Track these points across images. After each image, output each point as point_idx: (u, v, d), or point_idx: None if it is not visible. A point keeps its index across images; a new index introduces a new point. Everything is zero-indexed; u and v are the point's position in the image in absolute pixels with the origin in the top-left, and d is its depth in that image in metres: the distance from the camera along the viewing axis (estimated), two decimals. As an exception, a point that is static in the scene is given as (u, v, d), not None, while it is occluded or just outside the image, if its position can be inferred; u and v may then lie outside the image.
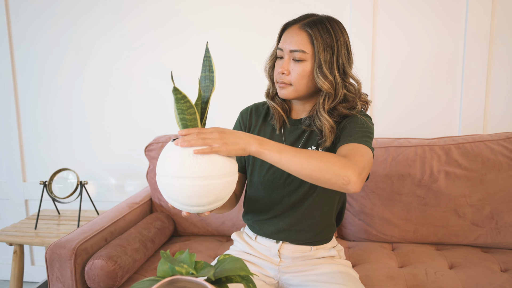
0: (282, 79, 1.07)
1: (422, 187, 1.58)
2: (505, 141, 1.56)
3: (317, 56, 1.04)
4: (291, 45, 1.06)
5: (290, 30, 1.08)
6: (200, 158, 0.84)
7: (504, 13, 1.76)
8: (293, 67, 1.06)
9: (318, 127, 1.10)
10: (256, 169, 1.19)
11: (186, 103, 0.87)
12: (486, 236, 1.55)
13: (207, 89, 0.93)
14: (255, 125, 1.22)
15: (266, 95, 1.18)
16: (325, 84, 1.04)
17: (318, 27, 1.05)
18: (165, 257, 0.79)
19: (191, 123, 0.89)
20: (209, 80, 0.93)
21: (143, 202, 1.75)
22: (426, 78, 1.85)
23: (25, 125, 2.17)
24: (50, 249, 1.29)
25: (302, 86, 1.07)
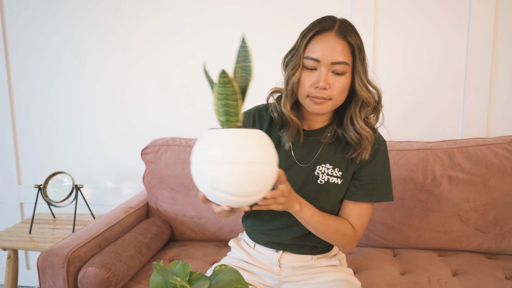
0: (322, 94, 0.98)
1: (425, 191, 1.54)
2: (510, 144, 1.53)
3: (357, 67, 0.99)
4: (333, 56, 0.96)
5: (326, 38, 0.97)
6: (252, 142, 0.79)
7: (508, 15, 1.73)
8: (333, 81, 0.98)
9: (353, 139, 1.04)
10: None
11: (231, 88, 0.79)
12: (490, 242, 1.52)
13: (243, 79, 0.86)
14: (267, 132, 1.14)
15: (284, 108, 1.04)
16: (369, 96, 1.01)
17: (353, 34, 0.98)
18: (157, 269, 0.76)
19: (234, 109, 0.81)
20: (245, 70, 0.86)
21: (139, 207, 1.71)
22: (428, 80, 1.81)
23: (20, 128, 2.13)
24: (42, 256, 1.25)
25: (341, 100, 1.02)
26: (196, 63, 1.93)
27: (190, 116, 1.98)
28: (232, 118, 0.81)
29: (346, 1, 1.80)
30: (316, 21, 1.02)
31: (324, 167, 1.08)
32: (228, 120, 0.81)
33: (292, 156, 1.09)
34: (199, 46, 1.92)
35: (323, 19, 1.01)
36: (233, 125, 0.82)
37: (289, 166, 1.09)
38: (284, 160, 1.09)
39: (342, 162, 1.08)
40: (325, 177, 1.08)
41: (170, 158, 1.70)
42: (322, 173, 1.08)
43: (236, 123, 0.82)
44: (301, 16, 1.82)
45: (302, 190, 1.08)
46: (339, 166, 1.08)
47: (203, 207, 1.68)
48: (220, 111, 0.82)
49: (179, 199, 1.70)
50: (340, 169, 1.08)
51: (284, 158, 1.09)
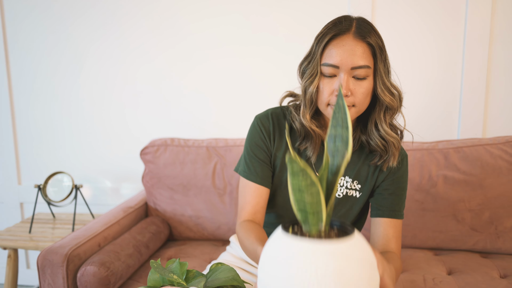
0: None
1: (421, 191, 1.56)
2: (505, 145, 1.54)
3: (379, 70, 0.91)
4: (353, 60, 0.88)
5: (344, 42, 0.89)
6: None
7: (504, 16, 1.74)
8: (355, 86, 0.90)
9: (378, 146, 0.98)
10: (278, 191, 1.05)
11: (306, 179, 0.58)
12: (485, 241, 1.53)
13: (338, 154, 0.63)
14: (279, 143, 1.03)
15: (303, 118, 0.96)
16: (388, 97, 0.93)
17: (372, 34, 0.90)
18: (154, 267, 0.77)
19: (312, 208, 0.59)
20: (343, 141, 0.63)
21: (138, 206, 1.73)
22: (425, 81, 1.83)
23: (20, 128, 2.15)
24: (42, 255, 1.27)
25: (365, 105, 0.94)
26: (194, 62, 1.95)
27: (188, 116, 1.99)
28: (311, 218, 0.60)
29: (343, 5, 1.82)
30: (331, 23, 0.93)
31: (343, 180, 1.02)
32: (305, 221, 0.61)
33: (313, 168, 1.02)
34: (197, 46, 1.93)
35: (338, 21, 0.92)
36: (314, 228, 0.60)
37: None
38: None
39: (362, 175, 1.03)
40: (343, 190, 1.02)
41: (168, 158, 1.72)
42: (340, 186, 1.02)
43: (319, 224, 0.60)
44: (300, 13, 1.83)
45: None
46: (358, 178, 1.03)
47: (201, 207, 1.69)
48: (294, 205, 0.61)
49: (177, 198, 1.71)
50: (359, 182, 1.03)
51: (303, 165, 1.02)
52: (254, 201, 1.00)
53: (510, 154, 1.52)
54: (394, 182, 1.02)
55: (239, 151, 1.68)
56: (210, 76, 1.95)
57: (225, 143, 1.72)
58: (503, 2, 1.73)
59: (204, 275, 0.81)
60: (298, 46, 1.83)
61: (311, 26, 1.81)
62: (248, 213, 0.99)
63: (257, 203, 1.01)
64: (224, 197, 1.68)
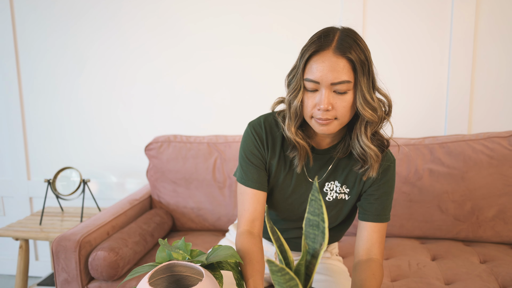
0: (325, 116, 0.92)
1: (408, 184, 1.66)
2: (486, 140, 1.65)
3: (359, 84, 0.92)
4: (333, 76, 0.89)
5: (323, 58, 0.90)
6: None
7: (487, 19, 1.85)
8: (337, 101, 0.92)
9: (360, 156, 1.00)
10: (273, 194, 1.12)
11: (284, 275, 0.66)
12: (467, 231, 1.64)
13: (316, 241, 0.72)
14: (272, 150, 1.07)
15: (288, 131, 1.00)
16: (368, 112, 0.93)
17: (354, 48, 0.90)
18: (163, 244, 0.88)
19: None
20: (319, 230, 0.71)
21: (143, 199, 1.84)
22: (414, 81, 1.93)
23: (29, 126, 2.25)
24: (56, 241, 1.38)
25: (347, 118, 0.95)
26: (194, 62, 2.05)
27: (190, 114, 2.10)
28: None
29: (337, 6, 1.92)
30: (315, 36, 0.94)
31: (333, 184, 1.07)
32: None
33: (304, 172, 1.08)
34: (197, 46, 2.04)
35: (321, 35, 0.93)
36: None
37: (300, 182, 1.08)
38: (295, 176, 1.08)
39: (350, 180, 1.07)
40: (333, 194, 1.08)
41: (171, 153, 1.82)
42: (330, 190, 1.07)
43: None
44: (297, 11, 1.94)
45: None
46: (346, 183, 1.07)
47: (202, 199, 1.80)
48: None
49: (180, 191, 1.82)
50: (347, 186, 1.07)
51: (299, 175, 1.08)
52: (252, 207, 1.05)
53: (491, 149, 1.62)
54: (380, 187, 1.05)
55: (238, 147, 1.79)
56: (210, 76, 2.05)
57: (225, 140, 1.83)
58: (486, 7, 1.84)
59: (206, 253, 0.92)
60: (296, 45, 1.94)
61: (309, 24, 1.92)
62: (247, 221, 1.04)
63: (254, 209, 1.05)
64: (224, 190, 1.79)
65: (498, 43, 1.85)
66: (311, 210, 0.73)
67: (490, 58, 1.87)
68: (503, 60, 1.86)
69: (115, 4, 2.07)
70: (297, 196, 1.08)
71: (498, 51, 1.86)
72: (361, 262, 1.03)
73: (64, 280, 1.39)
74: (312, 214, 0.72)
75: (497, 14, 1.83)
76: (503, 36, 1.85)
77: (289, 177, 1.07)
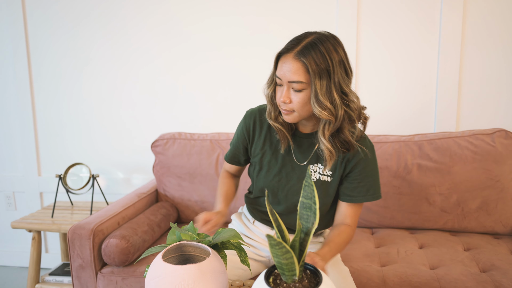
0: (285, 107, 1.09)
1: (398, 178, 1.78)
2: (471, 137, 1.76)
3: (313, 86, 1.04)
4: (289, 76, 1.06)
5: (286, 59, 1.07)
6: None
7: (473, 24, 1.96)
8: (293, 96, 1.07)
9: (321, 150, 1.15)
10: (262, 173, 1.26)
11: (281, 249, 0.77)
12: (453, 221, 1.76)
13: (309, 220, 0.84)
14: (259, 135, 1.25)
15: (269, 117, 1.19)
16: (322, 113, 1.05)
17: (312, 54, 1.03)
18: (174, 227, 1.00)
19: (287, 267, 0.80)
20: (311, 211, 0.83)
21: (150, 192, 1.95)
22: (405, 82, 2.05)
23: (40, 125, 2.37)
24: (71, 230, 1.49)
25: (305, 111, 1.10)
26: (195, 62, 2.17)
27: (193, 113, 2.21)
28: (287, 273, 0.81)
29: (332, 13, 2.04)
30: (293, 38, 1.10)
31: (316, 166, 1.20)
32: (283, 274, 0.82)
33: (292, 154, 1.22)
34: (198, 47, 2.15)
35: (296, 38, 1.09)
36: (289, 279, 0.81)
37: (287, 162, 1.22)
38: (282, 158, 1.23)
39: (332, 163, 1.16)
40: (317, 175, 1.20)
41: (176, 150, 1.94)
42: (314, 172, 1.20)
43: (293, 277, 0.81)
44: (295, 11, 2.06)
45: (297, 184, 1.22)
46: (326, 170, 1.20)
47: (206, 193, 1.92)
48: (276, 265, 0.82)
49: (184, 185, 1.94)
50: (330, 169, 1.20)
51: (283, 156, 1.23)
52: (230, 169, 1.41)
53: (475, 145, 1.74)
54: (356, 174, 1.19)
55: (239, 143, 1.90)
56: (211, 76, 2.17)
57: (227, 137, 1.94)
58: (472, 11, 1.96)
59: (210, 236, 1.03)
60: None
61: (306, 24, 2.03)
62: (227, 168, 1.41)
63: (232, 171, 1.41)
64: (226, 184, 1.90)
65: (483, 46, 1.97)
66: (304, 194, 0.85)
67: (476, 60, 1.99)
68: (488, 62, 1.98)
69: (121, 9, 2.18)
70: (284, 175, 1.23)
71: (483, 53, 1.97)
72: (334, 226, 1.24)
73: (79, 266, 1.50)
74: (306, 197, 0.84)
75: (482, 19, 1.95)
76: (488, 39, 1.96)
77: (274, 157, 1.24)
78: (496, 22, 1.95)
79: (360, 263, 1.49)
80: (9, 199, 2.46)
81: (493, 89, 2.00)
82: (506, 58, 1.96)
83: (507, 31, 1.94)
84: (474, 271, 1.42)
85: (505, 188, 1.71)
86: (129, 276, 1.49)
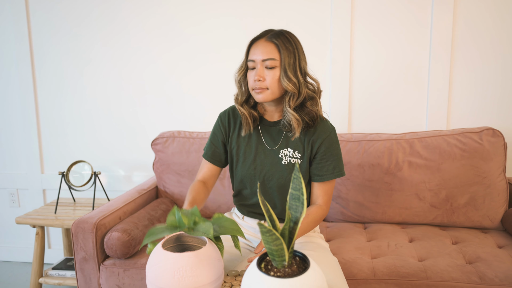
0: (259, 85, 1.24)
1: (389, 174, 1.84)
2: (460, 135, 1.83)
3: (283, 62, 1.22)
4: (263, 55, 1.23)
5: (259, 43, 1.26)
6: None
7: (463, 26, 2.03)
8: (267, 74, 1.24)
9: (288, 122, 1.29)
10: (239, 165, 1.38)
11: (272, 236, 0.84)
12: (442, 216, 1.82)
13: (298, 210, 0.90)
14: (233, 128, 1.39)
15: (236, 101, 1.35)
16: (289, 85, 1.23)
17: (281, 38, 1.24)
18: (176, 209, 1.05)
19: (277, 253, 0.86)
20: (299, 201, 0.90)
21: (150, 189, 2.02)
22: (398, 81, 2.11)
23: (43, 124, 2.43)
24: (75, 224, 1.56)
25: (277, 89, 1.25)
26: (195, 63, 2.23)
27: (192, 112, 2.28)
28: (277, 259, 0.87)
29: (327, 16, 2.10)
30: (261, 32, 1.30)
31: (286, 150, 1.33)
32: (274, 260, 0.88)
33: (263, 142, 1.35)
34: (198, 48, 2.22)
35: (264, 31, 1.29)
36: (279, 264, 0.87)
37: (260, 149, 1.35)
38: (255, 145, 1.35)
39: (299, 146, 1.32)
40: (288, 159, 1.33)
41: (176, 148, 2.00)
42: (285, 156, 1.33)
43: (283, 262, 0.87)
44: (292, 12, 2.12)
45: (271, 169, 1.33)
46: (298, 149, 1.33)
47: (204, 189, 1.98)
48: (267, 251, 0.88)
49: (184, 182, 2.00)
50: (299, 152, 1.33)
51: (256, 143, 1.35)
52: (205, 174, 1.42)
53: (463, 143, 1.81)
54: (322, 153, 1.31)
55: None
56: (211, 77, 2.23)
57: (224, 135, 2.01)
58: (462, 14, 2.02)
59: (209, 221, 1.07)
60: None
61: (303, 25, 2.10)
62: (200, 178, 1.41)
63: (205, 173, 1.42)
64: (224, 180, 1.97)
65: (472, 47, 2.04)
66: (293, 186, 0.91)
67: (466, 61, 2.05)
68: (477, 63, 2.04)
69: (120, 11, 2.25)
70: (259, 162, 1.35)
71: (473, 54, 2.04)
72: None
73: (82, 258, 1.57)
74: (294, 189, 0.91)
75: (472, 21, 2.02)
76: (477, 40, 2.03)
77: (248, 147, 1.37)
78: (485, 24, 2.01)
79: (351, 255, 1.56)
80: (12, 196, 2.53)
81: (483, 89, 2.06)
82: (495, 59, 2.03)
83: (495, 32, 2.01)
84: (460, 262, 1.48)
85: (492, 184, 1.77)
86: (130, 268, 1.56)
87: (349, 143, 1.91)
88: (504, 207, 1.80)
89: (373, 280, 1.44)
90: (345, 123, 2.16)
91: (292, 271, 0.87)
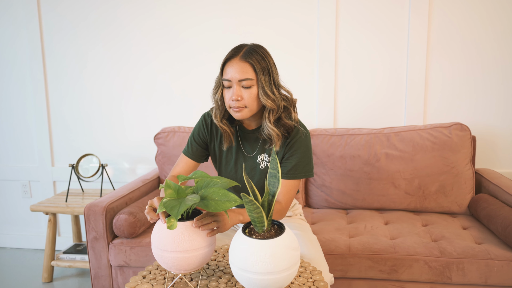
0: (237, 104, 1.26)
1: (368, 165, 2.04)
2: (432, 130, 2.03)
3: (260, 81, 1.25)
4: (239, 75, 1.24)
5: (233, 63, 1.26)
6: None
7: (438, 30, 2.23)
8: (244, 93, 1.26)
9: (267, 136, 1.33)
10: (222, 166, 1.45)
11: (253, 205, 1.01)
12: (416, 202, 2.02)
13: (274, 186, 1.07)
14: (216, 134, 1.42)
15: (215, 118, 1.35)
16: (268, 102, 1.26)
17: (255, 56, 1.25)
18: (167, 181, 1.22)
19: (258, 219, 1.04)
20: (276, 178, 1.06)
21: (153, 179, 2.22)
22: (378, 82, 2.31)
23: (54, 120, 2.64)
24: (87, 207, 1.76)
25: (255, 106, 1.29)
26: (191, 64, 2.43)
27: (191, 108, 2.48)
28: (258, 225, 1.06)
29: (314, 24, 2.30)
30: (232, 49, 1.29)
31: (263, 155, 1.39)
32: (255, 226, 1.07)
33: (242, 149, 1.41)
34: (195, 51, 2.42)
35: (235, 48, 1.29)
36: (260, 229, 1.06)
37: (240, 155, 1.41)
38: (235, 152, 1.41)
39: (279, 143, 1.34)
40: (265, 163, 1.39)
41: (176, 141, 2.21)
42: (262, 161, 1.40)
43: (263, 228, 1.06)
44: (283, 19, 2.33)
45: (251, 173, 1.41)
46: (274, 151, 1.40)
47: (202, 179, 2.18)
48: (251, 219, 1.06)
49: (183, 173, 2.20)
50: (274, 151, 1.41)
51: (236, 150, 1.41)
52: (181, 168, 1.43)
53: (435, 137, 2.01)
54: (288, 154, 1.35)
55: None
56: (209, 76, 2.43)
57: (220, 130, 2.21)
58: (437, 18, 2.22)
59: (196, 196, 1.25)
60: (282, 50, 2.32)
61: (293, 35, 2.30)
62: (176, 173, 1.42)
63: (182, 168, 1.43)
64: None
65: (446, 49, 2.24)
66: (271, 166, 1.11)
67: (440, 61, 2.26)
68: (450, 63, 2.24)
69: (124, 13, 2.45)
70: (239, 166, 1.42)
71: (446, 55, 2.24)
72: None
73: (93, 238, 1.77)
74: (272, 168, 1.11)
75: (445, 26, 2.22)
76: (450, 43, 2.23)
77: (230, 153, 1.42)
78: (457, 28, 2.21)
79: (331, 234, 1.76)
80: (25, 187, 2.73)
81: (455, 87, 2.26)
82: (466, 60, 2.23)
83: (467, 35, 2.21)
84: (426, 241, 1.69)
85: (459, 173, 1.98)
86: (136, 246, 1.76)
87: (333, 137, 2.11)
88: (471, 194, 2.00)
89: (348, 254, 1.64)
90: (331, 119, 2.36)
91: (270, 235, 1.08)
